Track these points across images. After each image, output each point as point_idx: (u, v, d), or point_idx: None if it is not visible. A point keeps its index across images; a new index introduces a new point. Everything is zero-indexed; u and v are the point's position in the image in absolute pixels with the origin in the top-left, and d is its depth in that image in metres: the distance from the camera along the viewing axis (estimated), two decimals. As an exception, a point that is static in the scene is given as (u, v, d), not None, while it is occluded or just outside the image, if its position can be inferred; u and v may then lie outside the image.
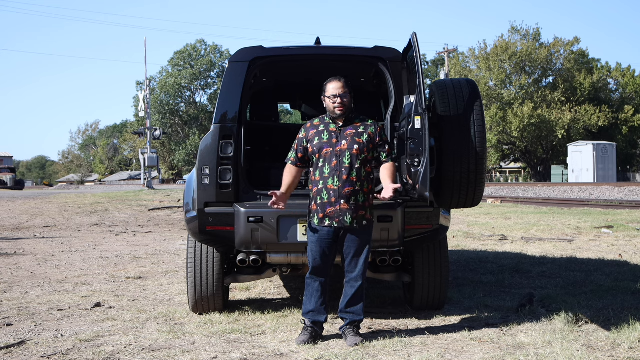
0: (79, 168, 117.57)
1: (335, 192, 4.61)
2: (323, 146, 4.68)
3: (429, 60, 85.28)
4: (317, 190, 4.67)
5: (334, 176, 4.63)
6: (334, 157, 4.65)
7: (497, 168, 70.43)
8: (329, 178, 4.63)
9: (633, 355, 4.21)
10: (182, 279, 7.41)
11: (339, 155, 4.65)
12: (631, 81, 57.28)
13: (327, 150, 4.67)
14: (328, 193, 4.62)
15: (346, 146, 4.65)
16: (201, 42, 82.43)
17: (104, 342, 4.72)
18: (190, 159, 77.74)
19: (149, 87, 39.72)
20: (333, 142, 4.68)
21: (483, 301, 6.02)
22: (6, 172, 48.55)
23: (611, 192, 27.85)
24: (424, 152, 4.44)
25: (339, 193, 4.61)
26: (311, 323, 4.70)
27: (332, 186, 4.62)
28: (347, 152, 4.64)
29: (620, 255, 9.07)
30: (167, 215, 18.41)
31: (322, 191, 4.64)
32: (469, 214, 17.34)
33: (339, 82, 4.72)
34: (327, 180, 4.63)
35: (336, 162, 4.64)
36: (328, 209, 4.61)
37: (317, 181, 4.68)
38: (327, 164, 4.65)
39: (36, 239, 12.52)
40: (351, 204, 4.61)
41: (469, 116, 4.69)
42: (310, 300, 4.72)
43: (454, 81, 4.87)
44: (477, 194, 4.81)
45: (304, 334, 4.65)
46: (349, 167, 4.63)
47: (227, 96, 5.22)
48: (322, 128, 4.76)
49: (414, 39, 4.68)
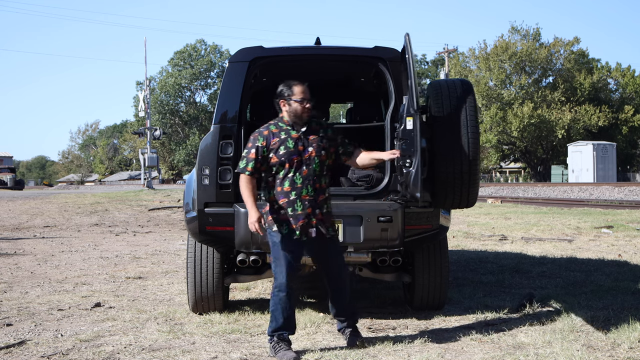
0: (79, 168, 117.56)
1: (312, 202, 4.43)
2: (292, 155, 4.42)
3: (429, 60, 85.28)
4: (288, 202, 4.41)
5: (308, 186, 4.43)
6: (303, 165, 4.43)
7: (497, 168, 70.42)
8: (303, 188, 4.42)
9: (633, 355, 4.21)
10: (182, 279, 7.41)
11: (309, 163, 4.44)
12: (631, 81, 57.27)
13: (297, 159, 4.43)
14: (303, 204, 4.41)
15: (314, 153, 4.46)
16: (201, 42, 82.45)
17: (104, 342, 4.72)
18: (190, 159, 77.72)
19: (149, 87, 39.73)
20: (299, 149, 4.45)
21: (483, 301, 6.02)
22: (6, 172, 48.56)
23: (611, 192, 27.85)
24: (416, 153, 4.44)
25: (315, 203, 4.44)
26: (283, 338, 4.40)
27: (306, 196, 4.42)
28: (316, 159, 4.46)
29: (620, 255, 9.07)
30: (167, 215, 18.42)
31: (296, 202, 4.40)
32: (469, 214, 17.34)
33: (304, 86, 4.51)
34: (301, 191, 4.41)
35: (307, 171, 4.44)
36: (302, 221, 4.41)
37: (288, 192, 4.42)
38: (298, 174, 4.42)
39: (36, 239, 12.52)
40: (324, 212, 4.50)
41: (461, 117, 4.64)
42: (281, 315, 4.40)
43: (448, 82, 4.84)
44: (472, 195, 4.75)
45: (286, 349, 4.33)
46: (319, 174, 4.48)
47: (227, 96, 5.22)
48: (284, 136, 4.46)
49: (407, 39, 4.67)
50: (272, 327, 4.42)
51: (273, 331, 4.42)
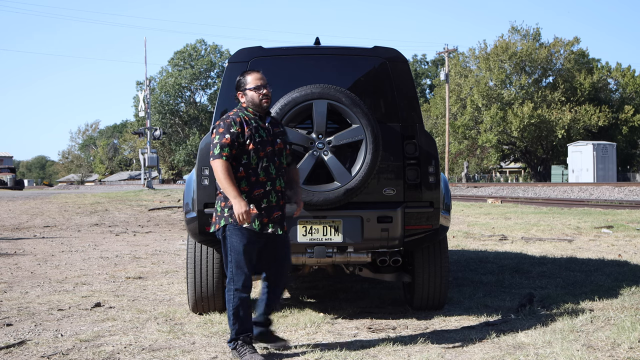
0: (79, 168, 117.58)
1: (282, 195, 4.34)
2: (266, 144, 4.26)
3: (429, 60, 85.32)
4: (264, 192, 4.24)
5: (280, 177, 4.31)
6: (274, 156, 4.30)
7: (497, 168, 70.42)
8: (277, 179, 4.29)
9: (633, 355, 4.21)
10: (182, 279, 7.41)
11: (279, 155, 4.33)
12: (631, 81, 57.24)
13: (269, 149, 4.28)
14: (277, 195, 4.29)
15: (282, 145, 4.36)
16: (201, 42, 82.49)
17: (104, 342, 4.72)
18: (190, 159, 77.74)
19: (149, 87, 39.71)
20: (269, 140, 4.30)
21: (483, 301, 6.02)
22: (6, 172, 48.52)
23: (611, 192, 27.84)
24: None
25: (283, 195, 4.35)
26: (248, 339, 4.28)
27: (279, 188, 4.31)
28: (283, 151, 4.37)
29: (620, 255, 9.07)
30: (167, 215, 18.42)
31: (271, 193, 4.26)
32: (469, 214, 17.33)
33: (259, 73, 4.36)
34: (275, 182, 4.28)
35: (279, 162, 4.32)
36: (275, 213, 4.28)
37: (264, 182, 4.24)
38: (272, 164, 4.27)
39: (36, 239, 12.52)
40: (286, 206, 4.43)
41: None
42: (243, 318, 4.27)
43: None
44: None
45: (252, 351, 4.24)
46: (286, 167, 4.40)
47: (226, 96, 5.22)
48: (254, 124, 4.28)
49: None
50: (236, 330, 4.26)
51: (237, 334, 4.27)
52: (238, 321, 4.26)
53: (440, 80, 60.39)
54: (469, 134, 56.18)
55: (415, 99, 5.36)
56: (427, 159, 5.20)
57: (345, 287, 6.85)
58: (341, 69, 5.42)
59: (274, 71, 5.63)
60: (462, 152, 61.96)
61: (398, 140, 5.19)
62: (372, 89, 5.35)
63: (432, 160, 5.22)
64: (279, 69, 5.53)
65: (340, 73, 5.35)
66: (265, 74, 5.36)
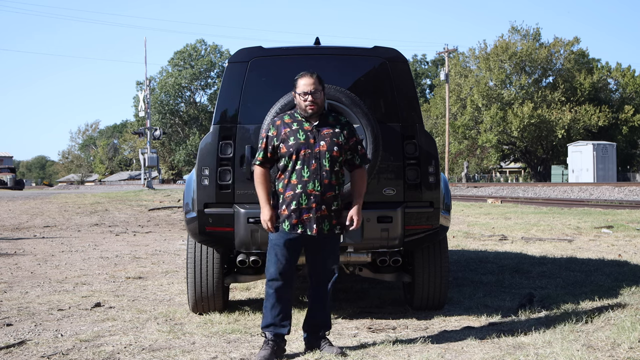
0: (79, 168, 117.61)
1: (317, 197, 4.26)
2: (300, 147, 4.27)
3: (429, 60, 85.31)
4: (293, 195, 4.27)
5: (315, 180, 4.26)
6: (312, 159, 4.27)
7: (497, 168, 70.42)
8: (309, 182, 4.25)
9: (633, 355, 4.21)
10: (182, 279, 7.41)
11: (319, 157, 4.28)
12: (631, 81, 57.25)
13: (306, 152, 4.27)
14: (308, 198, 4.26)
15: (326, 147, 4.30)
16: (201, 42, 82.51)
17: (104, 342, 4.71)
18: (190, 159, 77.76)
19: (149, 87, 39.73)
20: (311, 142, 4.29)
21: (483, 301, 6.02)
22: (6, 172, 48.55)
23: (611, 192, 27.85)
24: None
25: (320, 198, 4.27)
26: (273, 336, 4.31)
27: (313, 191, 4.25)
28: (327, 153, 4.29)
29: (620, 255, 9.07)
30: (167, 215, 18.42)
31: (301, 196, 4.25)
32: (469, 214, 17.33)
33: (311, 78, 4.36)
34: (307, 184, 4.25)
35: (316, 165, 4.27)
36: (305, 215, 4.27)
37: (295, 185, 4.27)
38: (306, 167, 4.27)
39: (36, 239, 12.52)
40: (332, 209, 4.32)
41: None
42: (272, 312, 4.31)
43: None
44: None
45: (265, 349, 4.27)
46: (329, 170, 4.29)
47: (226, 96, 5.22)
48: (295, 127, 4.33)
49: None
50: (262, 322, 4.35)
51: (262, 327, 4.35)
52: (265, 313, 4.35)
53: (440, 80, 60.40)
54: (469, 134, 56.19)
55: (415, 99, 5.36)
56: (427, 159, 5.20)
57: (345, 287, 6.85)
58: (341, 69, 5.41)
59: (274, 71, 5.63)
60: (462, 152, 61.97)
61: (398, 140, 5.19)
62: (372, 89, 5.34)
63: (432, 160, 5.22)
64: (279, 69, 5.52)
65: (340, 73, 5.34)
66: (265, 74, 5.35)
